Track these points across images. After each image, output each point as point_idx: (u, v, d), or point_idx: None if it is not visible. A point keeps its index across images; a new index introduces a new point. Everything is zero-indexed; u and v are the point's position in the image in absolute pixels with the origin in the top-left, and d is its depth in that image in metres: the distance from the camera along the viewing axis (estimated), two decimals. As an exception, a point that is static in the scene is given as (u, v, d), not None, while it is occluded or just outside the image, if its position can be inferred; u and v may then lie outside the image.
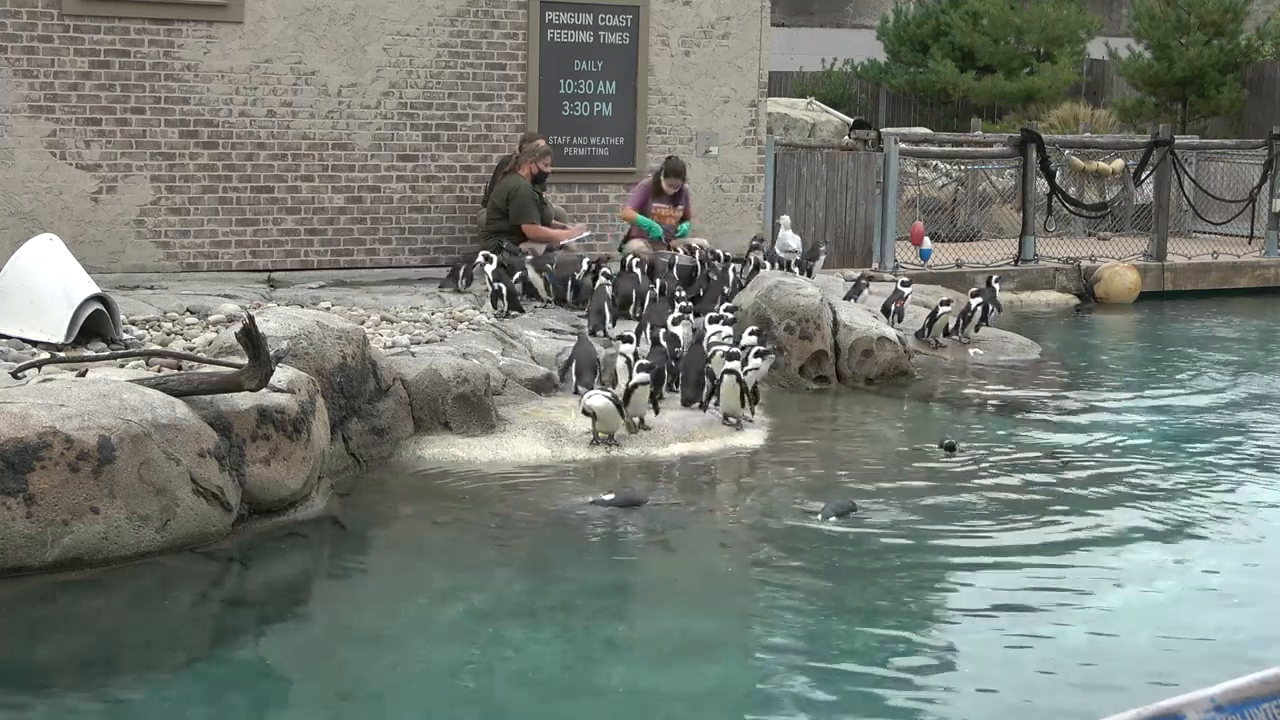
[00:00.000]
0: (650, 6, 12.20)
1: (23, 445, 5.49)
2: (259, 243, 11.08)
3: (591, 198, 12.31)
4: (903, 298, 11.03)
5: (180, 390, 6.23)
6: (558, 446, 7.65)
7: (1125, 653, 5.17)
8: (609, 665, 5.00)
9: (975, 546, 6.38)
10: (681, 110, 12.46)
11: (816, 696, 4.78)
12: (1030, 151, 15.23)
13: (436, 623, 5.30)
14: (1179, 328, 13.69)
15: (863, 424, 8.86)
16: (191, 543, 5.93)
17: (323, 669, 4.95)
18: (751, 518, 6.70)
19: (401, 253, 11.52)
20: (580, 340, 8.84)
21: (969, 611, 5.58)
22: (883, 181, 14.34)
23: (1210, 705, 3.00)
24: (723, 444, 7.95)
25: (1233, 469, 7.89)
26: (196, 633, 5.37)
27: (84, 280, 7.86)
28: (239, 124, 10.89)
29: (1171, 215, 16.31)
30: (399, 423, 7.56)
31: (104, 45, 10.45)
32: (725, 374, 8.03)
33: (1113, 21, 29.04)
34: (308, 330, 7.21)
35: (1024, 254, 15.02)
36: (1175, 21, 24.68)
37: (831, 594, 5.70)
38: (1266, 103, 24.25)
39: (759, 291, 9.87)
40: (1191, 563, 6.24)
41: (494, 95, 11.72)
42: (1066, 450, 8.21)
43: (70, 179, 10.47)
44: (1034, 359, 11.07)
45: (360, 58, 11.21)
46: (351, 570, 6.05)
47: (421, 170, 11.55)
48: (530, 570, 5.98)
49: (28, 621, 5.27)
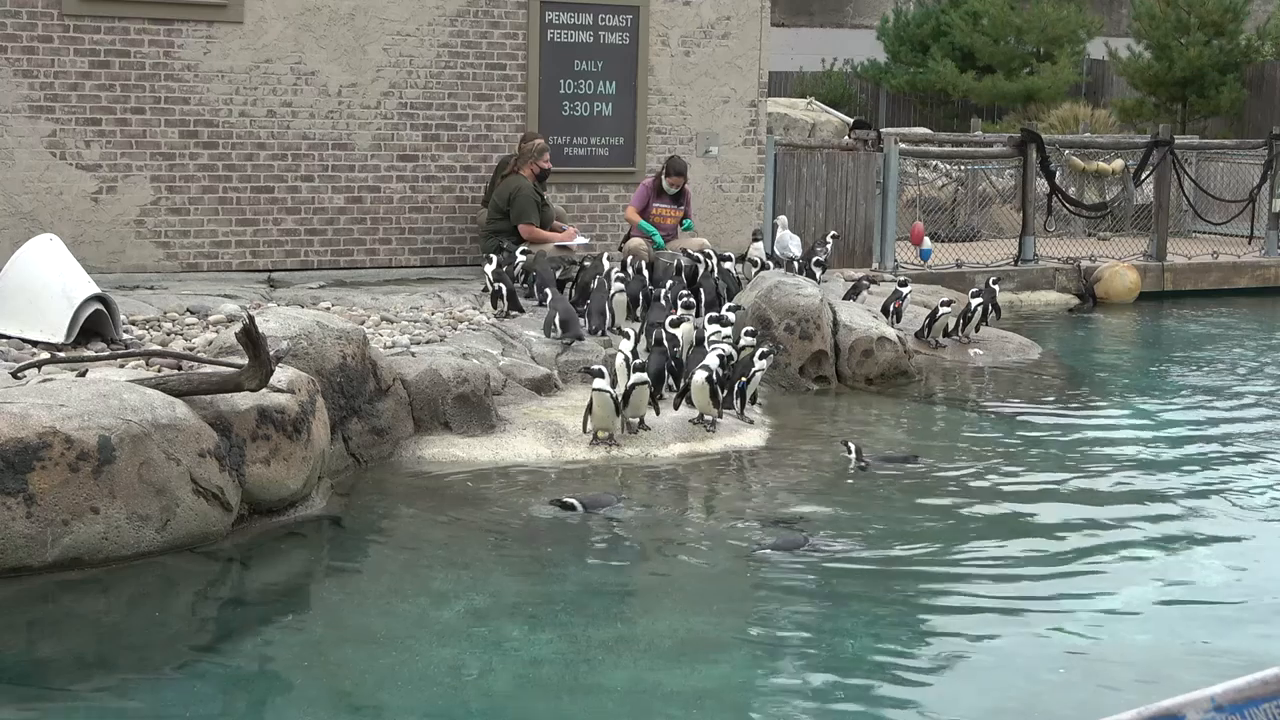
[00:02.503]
0: (650, 6, 12.20)
1: (23, 445, 5.50)
2: (259, 243, 11.08)
3: (591, 198, 12.31)
4: (902, 298, 11.04)
5: (180, 390, 6.23)
6: (558, 446, 7.65)
7: (1125, 653, 5.18)
8: (609, 665, 5.00)
9: (975, 546, 6.39)
10: (681, 110, 12.45)
11: (816, 696, 4.78)
12: (1030, 151, 15.24)
13: (436, 623, 5.30)
14: (1179, 328, 13.70)
15: (863, 424, 8.86)
16: (191, 543, 5.94)
17: (323, 669, 4.95)
18: (750, 518, 6.70)
19: (401, 253, 11.52)
20: (555, 298, 9.37)
21: (969, 611, 5.58)
22: (883, 181, 14.33)
23: (1210, 705, 3.00)
24: (723, 444, 7.94)
25: (1233, 469, 7.90)
26: (196, 633, 5.37)
27: (84, 280, 7.86)
28: (239, 124, 10.89)
29: (1171, 215, 16.32)
30: (399, 423, 7.57)
31: (104, 45, 10.45)
32: (698, 370, 7.95)
33: (1113, 21, 29.04)
34: (308, 330, 7.22)
35: (1024, 254, 15.02)
36: (1175, 21, 24.68)
37: (831, 594, 5.70)
38: (1266, 103, 24.26)
39: (759, 291, 9.87)
40: (1192, 563, 6.24)
41: (494, 95, 11.71)
42: (1066, 450, 8.22)
43: (70, 179, 10.47)
44: (1034, 359, 11.07)
45: (360, 58, 11.21)
46: (351, 570, 6.05)
47: (421, 170, 11.54)
48: (530, 570, 5.99)
49: (28, 621, 5.28)
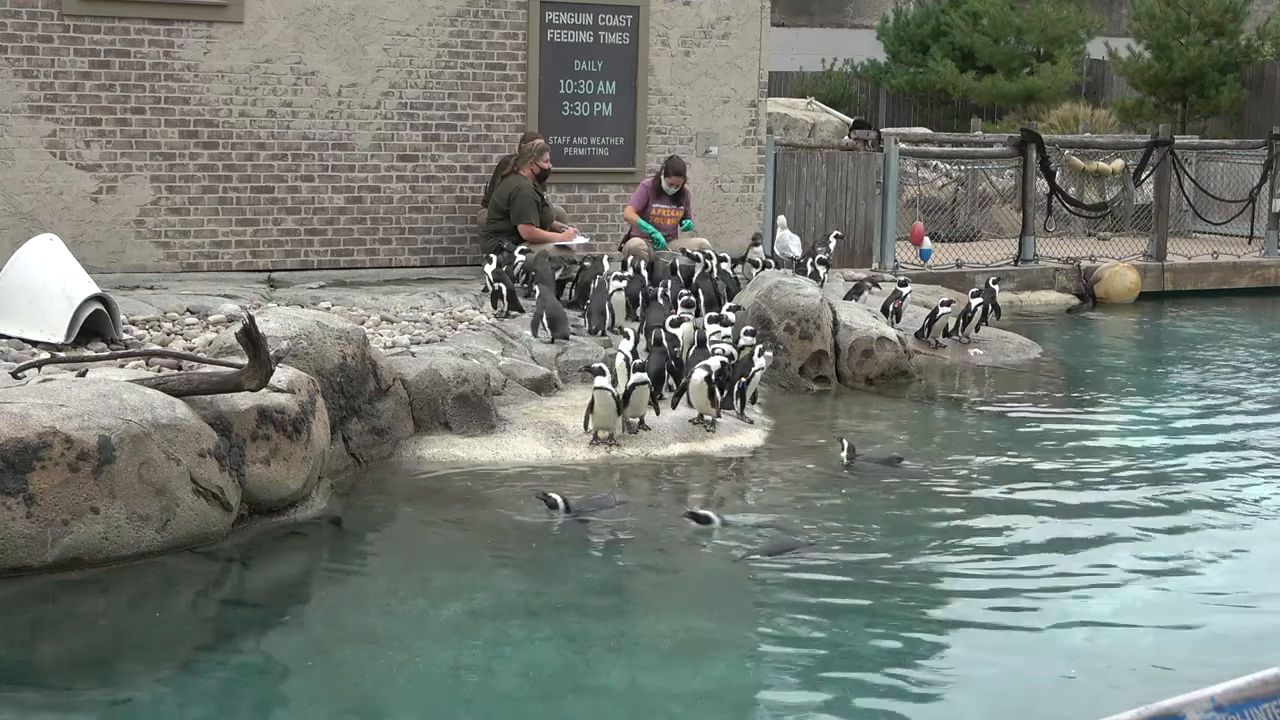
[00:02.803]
0: (650, 6, 12.20)
1: (23, 445, 5.49)
2: (259, 243, 11.07)
3: (591, 198, 12.30)
4: (902, 298, 11.04)
5: (180, 390, 6.23)
6: (558, 446, 7.65)
7: (1125, 653, 5.17)
8: (609, 665, 5.00)
9: (975, 546, 6.39)
10: (681, 110, 12.45)
11: (816, 696, 4.78)
12: (1030, 151, 15.24)
13: (436, 623, 5.30)
14: (1179, 328, 13.69)
15: (863, 424, 8.86)
16: (191, 543, 5.94)
17: (323, 669, 4.95)
18: (749, 517, 6.69)
19: (401, 253, 11.52)
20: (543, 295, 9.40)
21: (969, 611, 5.58)
22: (883, 181, 14.33)
23: (1210, 705, 3.00)
24: (723, 444, 7.94)
25: (1233, 469, 7.89)
26: (196, 633, 5.37)
27: (84, 280, 7.86)
28: (239, 124, 10.89)
29: (1171, 215, 16.32)
30: (399, 423, 7.56)
31: (104, 45, 10.45)
32: (697, 369, 7.96)
33: (1113, 21, 29.03)
34: (308, 330, 7.22)
35: (1024, 254, 15.02)
36: (1175, 21, 24.68)
37: (831, 594, 5.70)
38: (1266, 103, 24.25)
39: (759, 291, 9.87)
40: (1192, 563, 6.24)
41: (494, 95, 11.71)
42: (1065, 450, 8.22)
43: (70, 179, 10.47)
44: (1034, 359, 11.07)
45: (360, 58, 11.21)
46: (351, 570, 6.05)
47: (421, 170, 11.54)
48: (530, 570, 5.98)
49: (28, 621, 5.28)
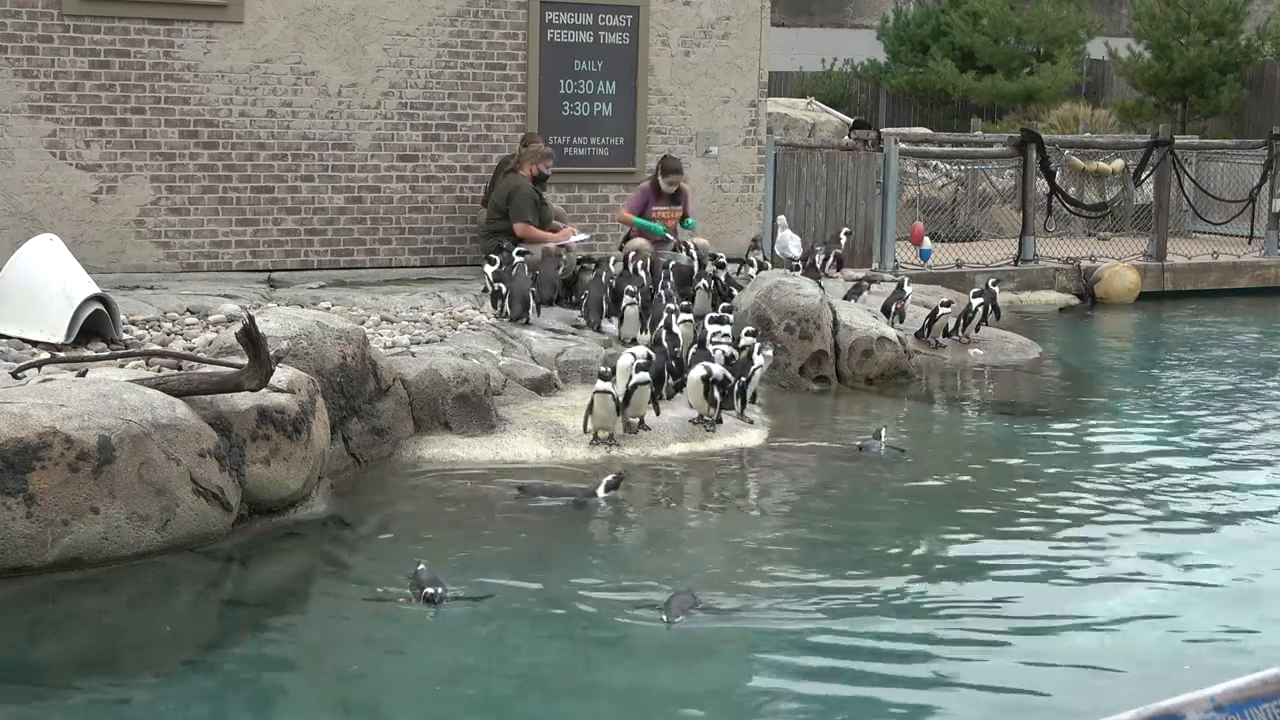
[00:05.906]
0: (650, 6, 12.20)
1: (23, 445, 5.50)
2: (259, 243, 11.07)
3: (591, 198, 12.30)
4: (903, 298, 11.03)
5: (180, 390, 6.23)
6: (558, 446, 7.65)
7: (1125, 653, 5.17)
8: (609, 665, 5.00)
9: (975, 545, 6.39)
10: (681, 110, 12.45)
11: (816, 696, 4.78)
12: (1030, 151, 15.23)
13: (436, 623, 5.30)
14: (1179, 328, 13.68)
15: (863, 424, 8.85)
16: (191, 543, 5.94)
17: (323, 669, 4.95)
18: (749, 517, 6.70)
19: (401, 253, 11.52)
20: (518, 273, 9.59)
21: (969, 611, 5.58)
22: (883, 181, 14.33)
23: (1210, 705, 3.00)
24: (723, 444, 7.95)
25: (1233, 469, 7.89)
26: (196, 633, 5.37)
27: (84, 280, 7.86)
28: (239, 124, 10.89)
29: (1171, 215, 16.31)
30: (399, 423, 7.57)
31: (104, 45, 10.45)
32: (696, 368, 7.98)
33: (1113, 21, 29.03)
34: (308, 330, 7.22)
35: (1024, 254, 15.02)
36: (1175, 21, 24.67)
37: (831, 593, 5.70)
38: (1266, 103, 24.24)
39: (759, 291, 9.87)
40: (1192, 563, 6.24)
41: (494, 95, 11.71)
42: (1065, 450, 8.22)
43: (70, 179, 10.47)
44: (1034, 359, 11.07)
45: (360, 58, 11.21)
46: (352, 570, 6.04)
47: (421, 170, 11.54)
48: (530, 570, 5.98)
49: (28, 621, 5.28)
